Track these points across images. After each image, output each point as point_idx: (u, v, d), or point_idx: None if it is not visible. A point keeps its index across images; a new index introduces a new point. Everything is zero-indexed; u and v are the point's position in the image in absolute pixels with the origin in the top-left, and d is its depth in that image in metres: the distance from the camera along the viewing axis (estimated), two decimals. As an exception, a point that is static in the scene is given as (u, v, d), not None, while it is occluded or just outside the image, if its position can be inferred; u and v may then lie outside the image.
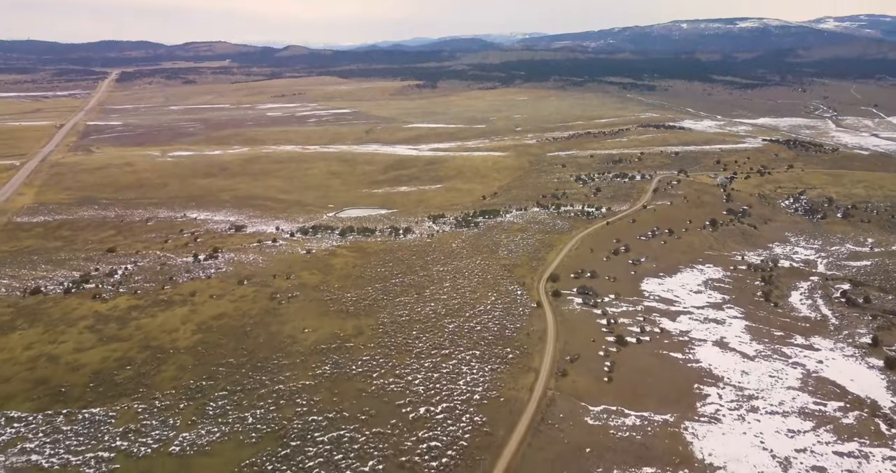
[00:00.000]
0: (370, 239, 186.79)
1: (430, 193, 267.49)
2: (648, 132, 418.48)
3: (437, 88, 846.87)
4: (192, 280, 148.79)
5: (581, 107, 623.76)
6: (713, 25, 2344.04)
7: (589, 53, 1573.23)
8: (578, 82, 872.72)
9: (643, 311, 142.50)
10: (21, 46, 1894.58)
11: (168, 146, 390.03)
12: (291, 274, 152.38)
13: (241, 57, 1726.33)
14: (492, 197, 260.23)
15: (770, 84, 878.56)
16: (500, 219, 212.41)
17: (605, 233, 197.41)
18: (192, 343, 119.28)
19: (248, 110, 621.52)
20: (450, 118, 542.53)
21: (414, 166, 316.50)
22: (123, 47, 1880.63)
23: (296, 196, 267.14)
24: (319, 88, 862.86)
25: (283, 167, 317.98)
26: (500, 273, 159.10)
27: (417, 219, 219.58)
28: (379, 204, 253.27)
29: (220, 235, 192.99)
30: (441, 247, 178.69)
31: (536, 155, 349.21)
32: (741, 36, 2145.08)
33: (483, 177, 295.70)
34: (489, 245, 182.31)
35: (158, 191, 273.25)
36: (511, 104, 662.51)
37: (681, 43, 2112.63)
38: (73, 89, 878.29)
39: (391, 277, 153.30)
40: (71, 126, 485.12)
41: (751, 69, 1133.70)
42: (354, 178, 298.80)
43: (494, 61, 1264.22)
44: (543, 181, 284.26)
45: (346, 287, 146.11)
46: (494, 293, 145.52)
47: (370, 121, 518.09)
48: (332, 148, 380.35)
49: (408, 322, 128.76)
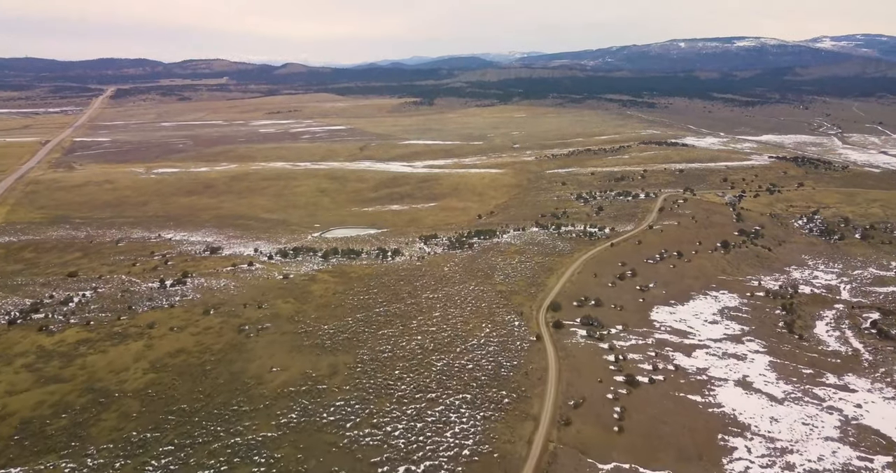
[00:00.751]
0: (355, 262, 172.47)
1: (423, 212, 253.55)
2: (650, 149, 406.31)
3: (434, 105, 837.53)
4: (152, 309, 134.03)
5: (580, 124, 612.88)
6: (711, 44, 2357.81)
7: (587, 71, 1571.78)
8: (577, 99, 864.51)
9: (654, 345, 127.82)
10: (19, 64, 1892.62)
11: (154, 163, 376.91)
12: (264, 302, 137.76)
13: (238, 74, 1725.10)
14: (488, 216, 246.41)
15: (770, 101, 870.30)
16: (496, 239, 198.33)
17: (610, 255, 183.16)
18: (142, 384, 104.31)
19: (241, 127, 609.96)
20: (446, 135, 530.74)
21: (407, 183, 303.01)
22: (121, 65, 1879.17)
23: (281, 215, 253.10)
24: (315, 105, 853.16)
25: (270, 184, 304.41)
26: (496, 300, 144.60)
27: (408, 239, 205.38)
28: (368, 223, 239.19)
29: (193, 258, 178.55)
30: (432, 271, 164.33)
31: (535, 172, 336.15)
32: (739, 55, 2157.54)
33: (479, 195, 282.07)
34: (484, 269, 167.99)
35: (137, 210, 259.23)
36: (509, 121, 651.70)
37: (679, 62, 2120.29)
38: (66, 106, 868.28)
39: (375, 306, 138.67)
40: (56, 142, 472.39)
41: (750, 87, 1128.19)
42: (344, 196, 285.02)
43: (492, 79, 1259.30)
44: (543, 199, 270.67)
45: (323, 317, 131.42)
46: (489, 324, 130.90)
47: (365, 138, 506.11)
48: (324, 165, 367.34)
49: (390, 359, 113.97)
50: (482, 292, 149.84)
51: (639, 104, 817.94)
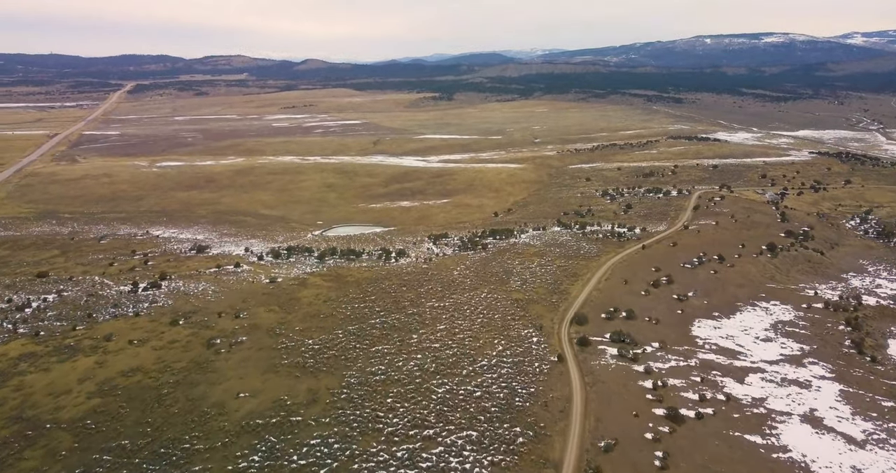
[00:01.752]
0: (354, 264, 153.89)
1: (435, 209, 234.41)
2: (680, 144, 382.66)
3: (453, 100, 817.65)
4: (115, 318, 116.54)
5: (604, 118, 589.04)
6: (738, 40, 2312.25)
7: (610, 67, 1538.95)
8: (601, 94, 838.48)
9: (699, 368, 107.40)
10: (43, 60, 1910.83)
11: (159, 156, 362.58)
12: (244, 310, 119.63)
13: (258, 70, 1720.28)
14: (505, 213, 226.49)
15: (803, 97, 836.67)
16: (513, 240, 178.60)
17: (641, 259, 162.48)
18: (82, 412, 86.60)
19: (254, 121, 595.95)
20: (464, 129, 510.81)
21: (419, 179, 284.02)
22: (143, 61, 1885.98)
23: (282, 211, 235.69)
24: (332, 100, 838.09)
25: (275, 179, 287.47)
26: (512, 311, 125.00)
27: (416, 239, 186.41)
28: (374, 221, 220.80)
29: (176, 258, 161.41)
30: (439, 275, 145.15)
31: (557, 167, 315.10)
32: (767, 51, 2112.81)
33: (496, 191, 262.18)
34: (499, 273, 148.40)
35: (131, 205, 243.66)
36: (530, 116, 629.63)
37: (704, 58, 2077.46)
38: (83, 101, 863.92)
39: (370, 316, 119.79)
40: (64, 136, 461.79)
41: (779, 83, 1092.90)
42: (352, 192, 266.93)
43: (513, 74, 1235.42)
44: (565, 196, 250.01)
45: (309, 330, 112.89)
46: (502, 340, 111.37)
47: (379, 133, 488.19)
48: (334, 159, 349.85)
49: (383, 383, 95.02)
50: (495, 301, 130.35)
51: (665, 99, 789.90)
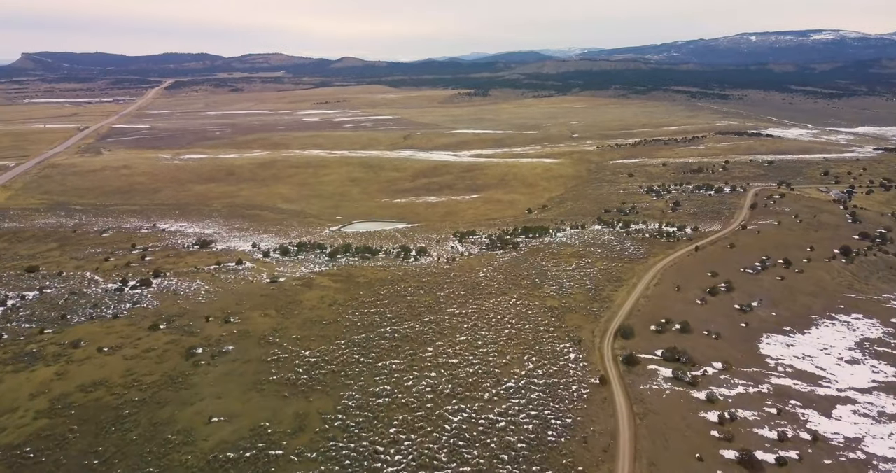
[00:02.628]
0: (368, 263, 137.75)
1: (463, 205, 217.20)
2: (729, 140, 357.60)
3: (488, 97, 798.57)
4: (90, 320, 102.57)
5: (646, 114, 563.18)
6: (784, 38, 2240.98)
7: (651, 64, 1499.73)
8: (641, 91, 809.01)
9: (774, 396, 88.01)
10: (88, 59, 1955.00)
11: (183, 149, 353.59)
12: (235, 314, 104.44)
13: (295, 68, 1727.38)
14: (540, 210, 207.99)
15: (858, 94, 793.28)
16: (548, 239, 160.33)
17: (695, 262, 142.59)
18: (24, 437, 72.16)
19: (285, 116, 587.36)
20: (498, 125, 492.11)
21: (448, 173, 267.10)
22: (182, 59, 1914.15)
23: (301, 205, 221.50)
24: (365, 96, 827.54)
25: (298, 172, 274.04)
26: (545, 321, 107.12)
27: (440, 236, 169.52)
28: (397, 216, 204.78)
29: (177, 253, 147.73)
30: (463, 278, 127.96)
31: (596, 162, 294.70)
32: (815, 48, 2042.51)
33: (530, 186, 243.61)
34: (531, 276, 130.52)
35: (145, 197, 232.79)
36: (567, 111, 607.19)
37: (749, 56, 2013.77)
38: (121, 96, 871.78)
39: (380, 324, 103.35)
40: (94, 129, 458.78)
41: (830, 80, 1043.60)
42: (376, 186, 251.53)
43: (550, 71, 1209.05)
44: (606, 192, 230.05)
45: (307, 339, 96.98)
46: (533, 356, 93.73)
47: (410, 128, 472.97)
48: (362, 153, 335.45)
49: (386, 407, 78.44)
50: (526, 308, 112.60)
51: (709, 95, 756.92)
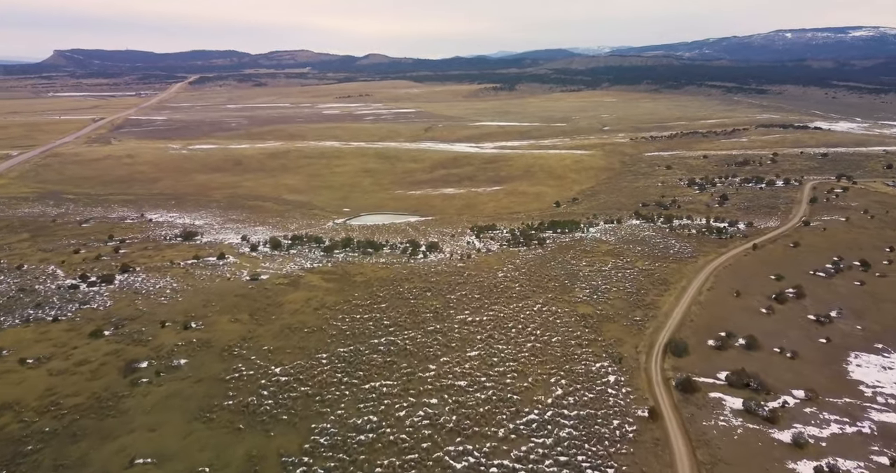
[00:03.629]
0: (369, 259, 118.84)
1: (484, 197, 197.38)
2: (773, 132, 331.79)
3: (514, 91, 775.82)
4: (25, 322, 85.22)
5: (680, 108, 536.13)
6: (822, 35, 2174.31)
7: (683, 61, 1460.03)
8: (674, 86, 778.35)
9: (880, 438, 66.81)
10: (118, 56, 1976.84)
11: (195, 140, 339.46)
12: (200, 319, 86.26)
13: (321, 65, 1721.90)
14: (569, 203, 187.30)
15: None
16: (579, 234, 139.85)
17: (754, 262, 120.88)
18: None
19: (306, 109, 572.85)
20: (524, 117, 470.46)
21: (469, 164, 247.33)
22: (210, 56, 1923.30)
23: (307, 196, 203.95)
24: (389, 91, 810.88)
25: (309, 163, 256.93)
26: (577, 332, 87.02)
27: (455, 230, 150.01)
28: (410, 209, 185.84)
29: (156, 245, 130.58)
30: (478, 277, 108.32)
31: (630, 154, 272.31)
32: (854, 45, 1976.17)
33: (558, 178, 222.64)
34: (559, 277, 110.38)
35: (143, 187, 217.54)
36: (597, 105, 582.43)
37: (784, 53, 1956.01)
38: (146, 90, 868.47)
39: (374, 334, 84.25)
40: (109, 120, 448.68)
41: (872, 76, 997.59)
42: (391, 177, 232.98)
43: (579, 67, 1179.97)
44: (642, 185, 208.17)
45: (280, 352, 78.34)
46: (562, 378, 73.89)
47: (432, 120, 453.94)
48: (379, 144, 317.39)
49: (368, 449, 59.31)
50: (554, 316, 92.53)
51: (746, 90, 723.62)
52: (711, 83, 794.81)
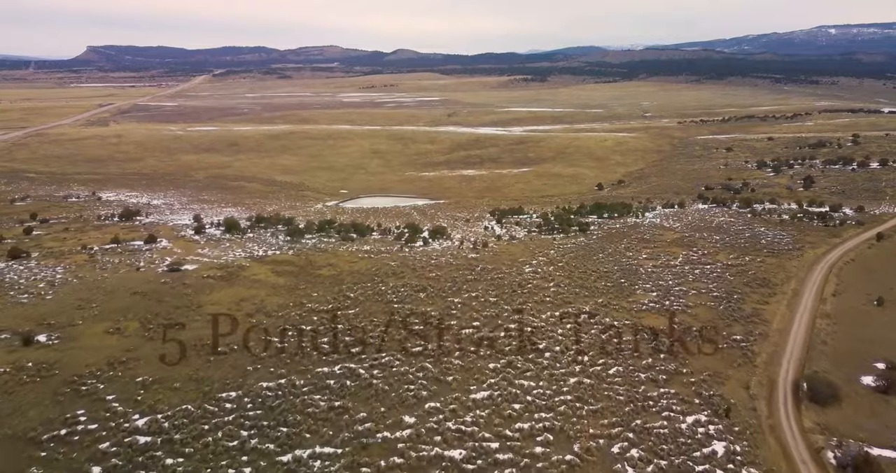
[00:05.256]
0: (348, 247, 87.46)
1: (508, 179, 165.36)
2: (841, 116, 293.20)
3: (546, 82, 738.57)
4: None
5: (727, 97, 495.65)
6: (868, 30, 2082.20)
7: (724, 55, 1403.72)
8: (716, 77, 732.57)
9: None
10: (150, 52, 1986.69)
11: (197, 123, 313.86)
12: (59, 329, 55.80)
13: (349, 60, 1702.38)
14: (614, 186, 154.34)
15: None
16: (632, 219, 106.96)
17: (885, 257, 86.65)
18: None
19: (326, 98, 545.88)
20: (556, 104, 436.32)
21: (494, 146, 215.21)
22: (240, 52, 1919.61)
23: (302, 177, 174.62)
24: (414, 82, 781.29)
25: (311, 144, 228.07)
26: (647, 359, 54.25)
27: (471, 214, 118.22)
28: (419, 191, 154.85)
29: (82, 227, 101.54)
30: (496, 273, 76.18)
31: (679, 137, 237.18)
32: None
33: (599, 160, 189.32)
34: (611, 274, 77.73)
35: (119, 167, 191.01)
36: (635, 94, 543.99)
37: (828, 48, 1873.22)
38: (170, 82, 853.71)
39: (325, 358, 52.66)
40: (116, 105, 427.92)
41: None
42: (402, 159, 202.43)
43: (613, 60, 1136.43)
44: (700, 168, 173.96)
45: (162, 386, 47.00)
46: (633, 446, 41.28)
47: (457, 107, 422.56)
48: (395, 128, 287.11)
49: None
50: (608, 331, 59.88)
51: (796, 81, 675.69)
52: (757, 74, 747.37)
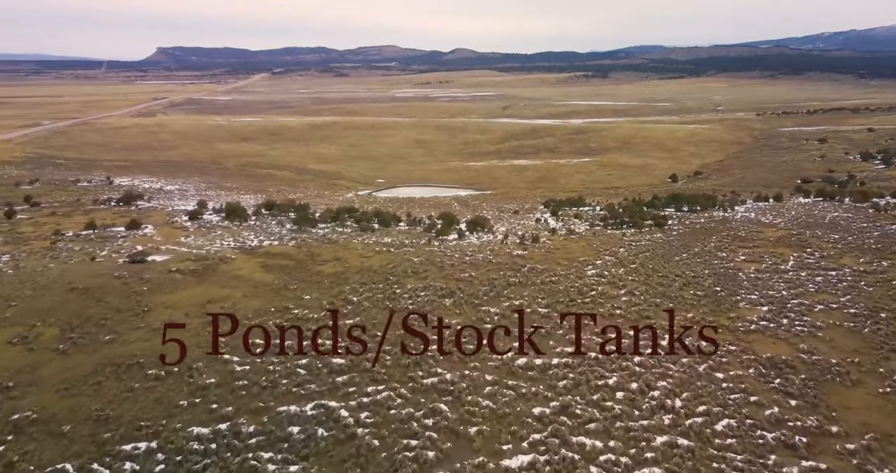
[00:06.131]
0: (364, 238, 71.23)
1: (566, 169, 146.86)
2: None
3: (607, 78, 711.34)
4: None
5: (807, 92, 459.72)
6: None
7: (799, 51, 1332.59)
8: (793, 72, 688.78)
9: None
10: (216, 52, 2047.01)
11: (243, 115, 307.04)
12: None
13: (407, 59, 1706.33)
14: (691, 178, 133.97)
15: None
16: (720, 213, 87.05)
17: None
18: None
19: (378, 93, 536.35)
20: (619, 98, 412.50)
21: (550, 135, 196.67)
22: (300, 52, 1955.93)
23: (338, 166, 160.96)
24: (471, 79, 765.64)
25: (354, 134, 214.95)
26: (770, 407, 35.33)
27: (520, 206, 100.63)
28: (464, 181, 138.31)
29: (71, 210, 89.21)
30: (548, 275, 58.18)
31: (760, 129, 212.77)
32: None
33: (670, 151, 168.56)
34: (703, 279, 58.48)
35: (151, 154, 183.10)
36: (703, 89, 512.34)
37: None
38: (228, 79, 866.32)
39: (296, 391, 36.50)
40: (170, 99, 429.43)
41: None
42: (448, 148, 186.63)
43: (679, 57, 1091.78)
44: (792, 160, 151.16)
45: (26, 438, 31.85)
46: None
47: (513, 100, 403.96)
48: (445, 119, 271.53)
49: None
50: (708, 363, 41.30)
51: (884, 75, 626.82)
52: (837, 70, 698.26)
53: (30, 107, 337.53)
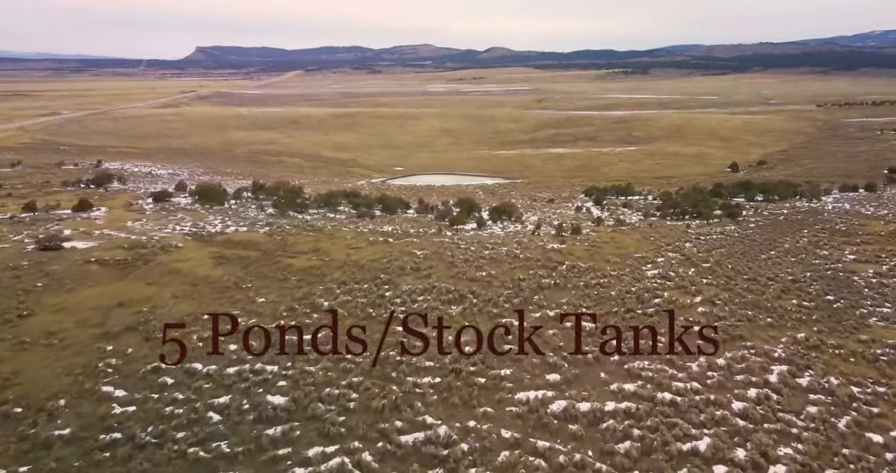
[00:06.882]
0: (359, 226, 57.17)
1: (610, 157, 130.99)
2: None
3: (647, 74, 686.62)
4: None
5: (862, 86, 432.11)
6: None
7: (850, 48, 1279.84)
8: (846, 68, 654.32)
9: None
10: (253, 51, 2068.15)
11: (268, 107, 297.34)
12: None
13: (442, 58, 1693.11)
14: (754, 168, 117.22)
15: None
16: (805, 203, 70.76)
17: None
18: None
19: (409, 88, 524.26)
20: (661, 92, 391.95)
21: (589, 124, 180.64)
22: (335, 51, 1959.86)
23: (355, 154, 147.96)
24: (504, 75, 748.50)
25: (378, 123, 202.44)
26: None
27: (556, 194, 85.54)
28: (491, 170, 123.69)
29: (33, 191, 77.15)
30: (592, 275, 42.81)
31: (824, 119, 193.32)
32: None
33: (725, 140, 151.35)
34: (804, 283, 42.35)
35: (160, 141, 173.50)
36: (751, 85, 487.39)
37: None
38: (262, 76, 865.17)
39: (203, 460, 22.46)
40: (198, 92, 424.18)
41: None
42: (476, 137, 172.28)
43: (722, 55, 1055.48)
44: (868, 150, 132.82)
45: None
46: None
47: (548, 94, 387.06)
48: (475, 110, 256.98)
49: None
50: (831, 405, 25.82)
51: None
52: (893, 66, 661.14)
53: (55, 98, 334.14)
